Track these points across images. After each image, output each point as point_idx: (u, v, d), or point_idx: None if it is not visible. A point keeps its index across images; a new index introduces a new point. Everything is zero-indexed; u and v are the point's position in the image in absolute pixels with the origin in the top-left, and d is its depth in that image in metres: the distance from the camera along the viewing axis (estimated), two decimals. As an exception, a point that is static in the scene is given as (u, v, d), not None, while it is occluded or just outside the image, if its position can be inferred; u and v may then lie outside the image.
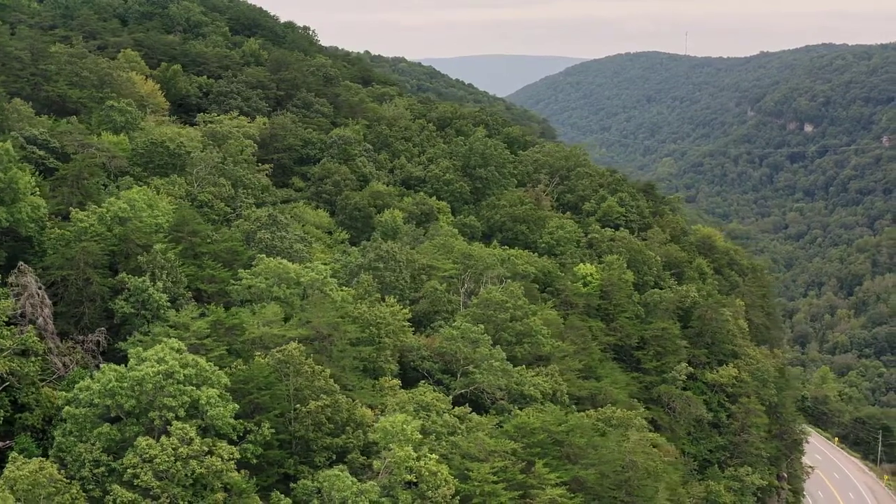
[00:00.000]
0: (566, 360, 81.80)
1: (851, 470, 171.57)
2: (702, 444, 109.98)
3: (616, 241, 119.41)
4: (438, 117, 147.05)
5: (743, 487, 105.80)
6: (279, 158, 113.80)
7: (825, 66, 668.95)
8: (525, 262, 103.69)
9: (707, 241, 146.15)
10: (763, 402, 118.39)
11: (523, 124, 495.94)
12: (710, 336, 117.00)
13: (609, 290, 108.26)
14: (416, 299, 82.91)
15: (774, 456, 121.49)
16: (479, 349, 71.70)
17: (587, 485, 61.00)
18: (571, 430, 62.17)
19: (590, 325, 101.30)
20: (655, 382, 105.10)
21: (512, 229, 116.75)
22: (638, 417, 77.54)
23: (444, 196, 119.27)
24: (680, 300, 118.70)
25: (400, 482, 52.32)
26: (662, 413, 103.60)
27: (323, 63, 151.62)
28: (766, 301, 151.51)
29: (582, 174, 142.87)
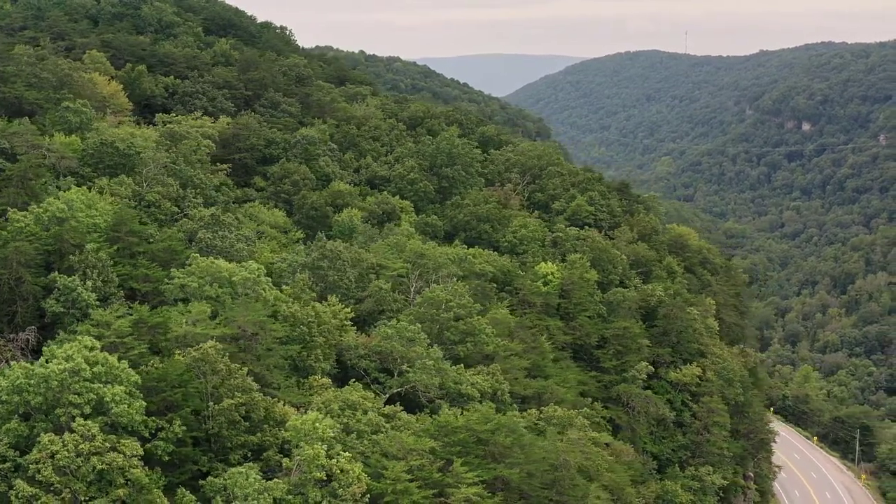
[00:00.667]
0: (511, 360, 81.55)
1: (829, 469, 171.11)
2: (664, 443, 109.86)
3: (580, 240, 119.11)
4: (409, 117, 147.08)
5: (703, 487, 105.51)
6: (241, 158, 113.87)
7: (823, 64, 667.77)
8: (484, 262, 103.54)
9: (679, 240, 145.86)
10: (728, 402, 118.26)
11: (518, 124, 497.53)
12: (676, 335, 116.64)
13: (569, 288, 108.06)
14: (363, 298, 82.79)
15: (740, 455, 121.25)
16: (415, 348, 71.58)
17: (511, 484, 60.81)
18: (497, 430, 61.94)
19: (547, 324, 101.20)
20: (615, 381, 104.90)
21: (475, 228, 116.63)
22: (579, 417, 77.28)
23: (408, 195, 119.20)
24: (644, 299, 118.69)
25: (311, 480, 52.26)
26: (621, 412, 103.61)
27: (296, 63, 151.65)
28: (739, 300, 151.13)
29: (553, 173, 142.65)
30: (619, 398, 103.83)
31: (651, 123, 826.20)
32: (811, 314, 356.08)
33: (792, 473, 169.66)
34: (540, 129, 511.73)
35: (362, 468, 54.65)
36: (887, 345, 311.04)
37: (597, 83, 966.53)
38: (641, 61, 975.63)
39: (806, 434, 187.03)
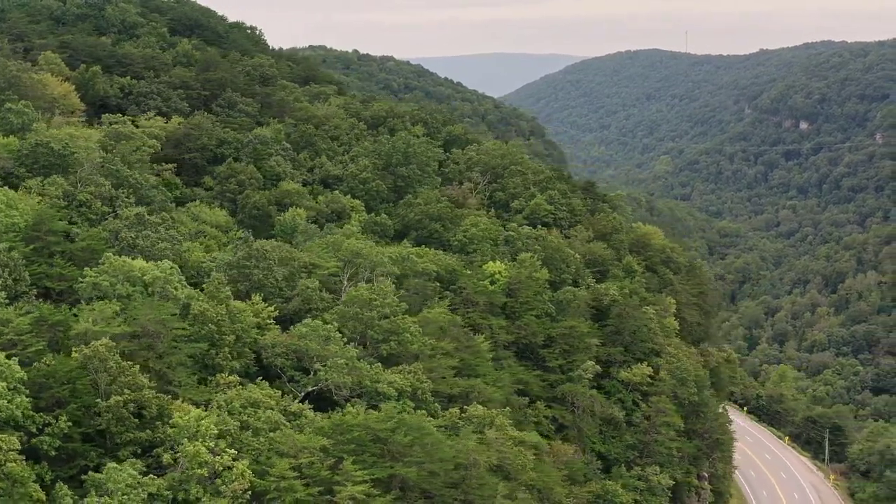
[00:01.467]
0: (438, 359, 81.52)
1: (799, 469, 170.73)
2: (612, 443, 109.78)
3: (533, 239, 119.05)
4: (372, 116, 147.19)
5: (650, 487, 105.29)
6: (192, 158, 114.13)
7: (822, 63, 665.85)
8: (429, 261, 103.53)
9: (642, 239, 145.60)
10: (681, 402, 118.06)
11: (511, 123, 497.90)
12: (629, 334, 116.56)
13: (516, 287, 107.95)
14: (291, 297, 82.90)
15: (694, 455, 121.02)
16: (329, 347, 71.68)
17: (409, 482, 60.86)
18: (397, 428, 61.99)
19: (489, 323, 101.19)
20: (560, 381, 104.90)
21: (426, 227, 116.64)
22: (499, 416, 77.18)
23: (360, 195, 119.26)
24: (597, 298, 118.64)
25: (194, 476, 52.50)
26: (565, 411, 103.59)
27: (261, 63, 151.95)
28: (703, 299, 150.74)
29: (515, 172, 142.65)
30: (564, 397, 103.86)
31: (650, 122, 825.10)
32: (800, 313, 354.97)
33: (761, 473, 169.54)
34: (534, 128, 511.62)
35: (249, 465, 54.86)
36: (874, 344, 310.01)
37: (597, 82, 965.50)
38: (641, 60, 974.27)
39: (778, 434, 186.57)
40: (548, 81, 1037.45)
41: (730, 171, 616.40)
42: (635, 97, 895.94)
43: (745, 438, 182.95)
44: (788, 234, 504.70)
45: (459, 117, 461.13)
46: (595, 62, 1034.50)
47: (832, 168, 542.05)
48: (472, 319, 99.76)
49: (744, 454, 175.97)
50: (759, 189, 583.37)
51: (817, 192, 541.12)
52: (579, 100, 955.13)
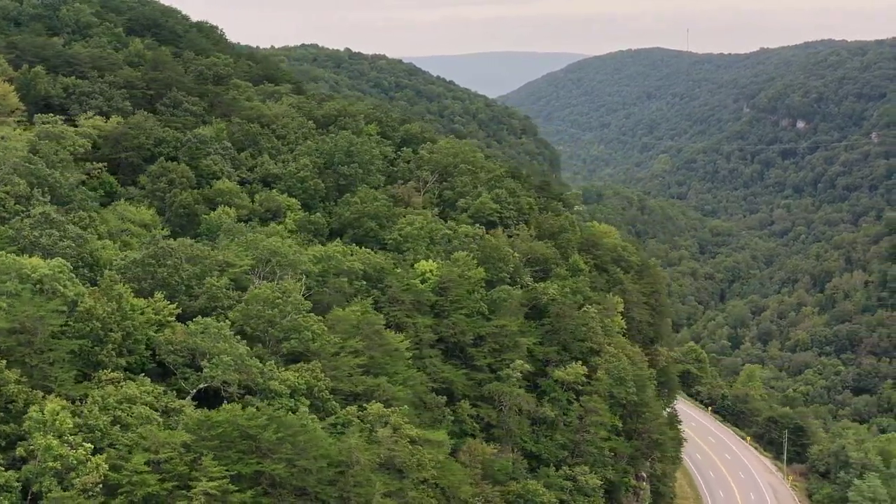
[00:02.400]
0: (343, 357, 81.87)
1: (758, 469, 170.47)
2: (543, 442, 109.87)
3: (470, 238, 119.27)
4: (324, 115, 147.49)
5: (578, 487, 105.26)
6: (128, 157, 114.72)
7: (820, 62, 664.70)
8: (357, 259, 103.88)
9: (591, 238, 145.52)
10: (618, 401, 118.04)
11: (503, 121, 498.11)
12: (566, 333, 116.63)
13: (447, 286, 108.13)
14: (198, 295, 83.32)
15: (632, 455, 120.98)
16: (219, 344, 72.10)
17: (277, 479, 61.28)
18: (268, 425, 62.43)
19: (415, 322, 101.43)
20: (488, 379, 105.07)
21: (363, 226, 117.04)
22: (395, 414, 77.42)
23: (297, 193, 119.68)
24: (532, 297, 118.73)
25: (48, 470, 53.16)
26: (492, 410, 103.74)
27: (215, 62, 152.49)
28: (656, 299, 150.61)
29: (464, 171, 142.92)
30: (491, 396, 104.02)
31: (650, 121, 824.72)
32: (786, 313, 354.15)
33: (720, 473, 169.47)
34: (526, 127, 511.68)
35: (107, 459, 55.47)
36: (857, 344, 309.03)
37: (598, 81, 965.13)
38: (643, 59, 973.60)
39: (741, 434, 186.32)
40: (550, 80, 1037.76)
41: (726, 170, 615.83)
42: (636, 96, 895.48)
43: (708, 439, 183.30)
44: (782, 233, 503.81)
45: (450, 116, 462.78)
46: (596, 61, 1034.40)
47: (827, 167, 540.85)
48: (396, 318, 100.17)
49: (705, 454, 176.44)
50: (754, 188, 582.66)
51: (812, 191, 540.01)
52: (580, 98, 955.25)
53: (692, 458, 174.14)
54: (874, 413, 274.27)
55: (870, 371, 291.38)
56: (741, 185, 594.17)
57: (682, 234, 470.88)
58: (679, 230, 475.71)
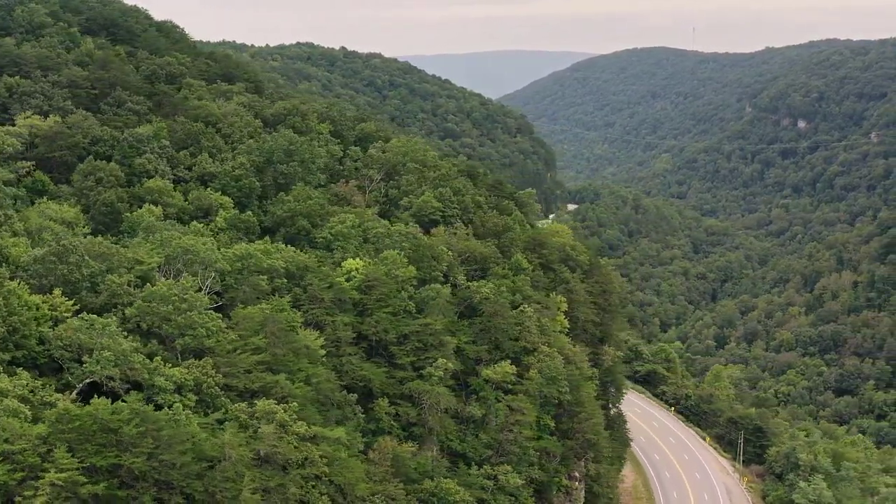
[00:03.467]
0: (239, 354, 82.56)
1: (715, 470, 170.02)
2: (468, 441, 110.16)
3: (403, 236, 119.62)
4: (273, 114, 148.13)
5: (498, 486, 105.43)
6: (62, 156, 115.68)
7: (822, 61, 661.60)
8: (279, 258, 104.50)
9: (537, 238, 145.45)
10: (548, 400, 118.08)
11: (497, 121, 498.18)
12: (498, 332, 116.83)
13: (372, 284, 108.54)
14: (101, 291, 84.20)
15: (564, 455, 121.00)
16: (103, 340, 72.91)
17: (137, 472, 62.08)
18: (131, 419, 63.27)
19: (334, 320, 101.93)
20: (410, 378, 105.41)
21: (295, 224, 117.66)
22: (281, 410, 77.94)
23: (231, 192, 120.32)
24: (466, 296, 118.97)
25: None
26: (411, 408, 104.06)
27: (169, 61, 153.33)
28: (605, 298, 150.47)
29: (411, 169, 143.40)
30: (411, 395, 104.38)
31: (654, 120, 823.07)
32: (773, 313, 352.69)
33: (676, 474, 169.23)
34: (521, 126, 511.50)
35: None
36: (841, 344, 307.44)
37: (603, 80, 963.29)
38: (648, 58, 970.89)
39: (703, 434, 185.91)
40: (555, 78, 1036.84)
41: (727, 169, 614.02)
42: (641, 95, 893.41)
43: (668, 439, 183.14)
44: (779, 232, 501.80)
45: (443, 114, 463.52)
46: (602, 60, 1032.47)
47: (827, 167, 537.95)
48: (315, 316, 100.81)
49: (663, 454, 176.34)
50: (754, 187, 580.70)
51: (811, 191, 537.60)
52: (586, 97, 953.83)
53: (650, 458, 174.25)
54: (855, 414, 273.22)
55: (852, 372, 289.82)
56: (741, 184, 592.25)
57: (675, 233, 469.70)
58: (673, 230, 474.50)
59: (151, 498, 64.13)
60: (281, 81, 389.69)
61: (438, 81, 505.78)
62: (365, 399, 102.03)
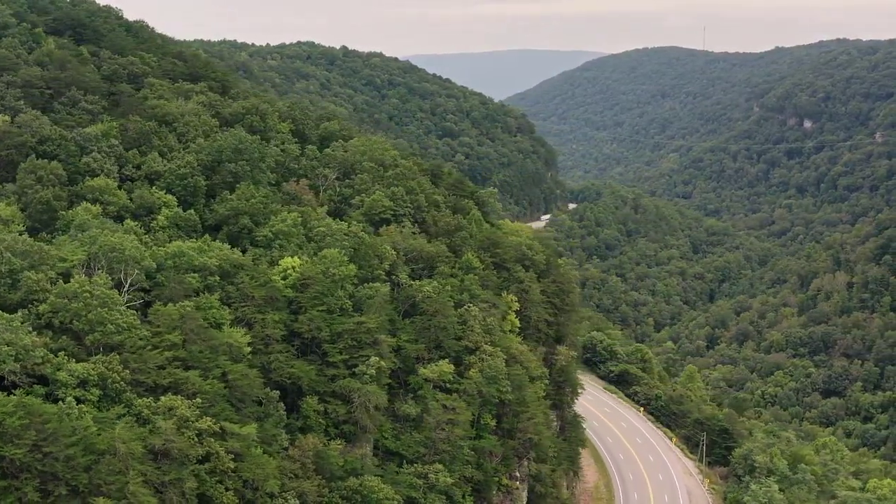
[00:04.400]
0: (149, 350, 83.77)
1: (678, 472, 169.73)
2: (403, 440, 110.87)
3: (346, 235, 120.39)
4: (231, 113, 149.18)
5: (429, 485, 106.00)
6: (8, 155, 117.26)
7: (829, 61, 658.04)
8: (213, 256, 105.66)
9: (491, 237, 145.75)
10: (488, 400, 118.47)
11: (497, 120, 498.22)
12: (438, 331, 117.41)
13: (307, 283, 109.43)
14: (20, 288, 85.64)
15: (506, 455, 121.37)
16: (6, 335, 74.27)
17: (19, 463, 63.43)
18: (14, 412, 64.63)
19: (264, 318, 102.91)
20: (342, 376, 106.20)
21: (237, 223, 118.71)
22: (183, 406, 79.03)
23: (176, 190, 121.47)
24: (409, 295, 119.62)
25: None
26: (341, 406, 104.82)
27: (132, 61, 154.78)
28: (562, 298, 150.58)
29: (367, 168, 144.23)
30: (342, 393, 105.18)
31: (663, 120, 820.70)
32: (766, 313, 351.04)
33: (640, 475, 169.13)
34: (521, 125, 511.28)
35: None
36: (831, 345, 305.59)
37: (613, 79, 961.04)
38: (659, 57, 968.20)
39: (671, 435, 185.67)
40: (565, 78, 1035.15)
41: (732, 169, 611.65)
42: (650, 94, 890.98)
43: (635, 440, 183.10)
44: (780, 233, 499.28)
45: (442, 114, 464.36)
46: (612, 59, 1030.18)
47: (831, 167, 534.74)
48: (245, 313, 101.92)
49: (628, 455, 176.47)
50: (759, 187, 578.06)
51: (815, 191, 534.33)
52: (596, 97, 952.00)
53: (615, 459, 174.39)
54: (842, 416, 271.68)
55: (840, 373, 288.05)
56: (746, 184, 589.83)
57: (675, 233, 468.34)
58: (672, 229, 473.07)
59: (34, 488, 65.45)
60: (277, 80, 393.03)
61: (439, 81, 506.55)
62: (296, 397, 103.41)
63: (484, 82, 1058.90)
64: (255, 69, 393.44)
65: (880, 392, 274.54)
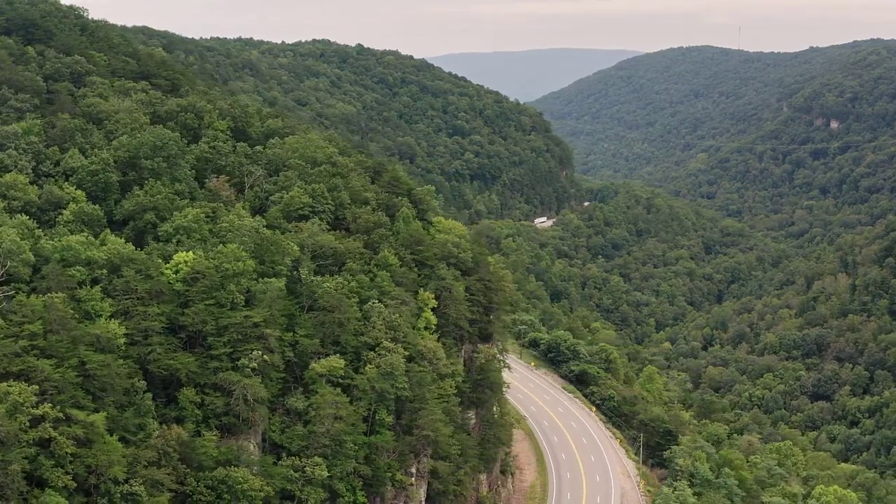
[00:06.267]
0: (2, 340, 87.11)
1: (616, 473, 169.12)
2: (288, 433, 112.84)
3: (247, 230, 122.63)
4: (167, 111, 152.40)
5: (305, 478, 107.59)
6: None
7: (858, 61, 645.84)
8: (103, 250, 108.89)
9: (415, 235, 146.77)
10: (383, 396, 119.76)
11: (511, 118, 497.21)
12: (334, 326, 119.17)
13: (196, 277, 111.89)
14: None
15: (402, 452, 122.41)
16: None
17: None
18: None
19: (146, 310, 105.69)
20: (224, 368, 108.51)
21: (142, 218, 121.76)
22: (17, 392, 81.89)
23: (87, 186, 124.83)
24: (311, 291, 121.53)
25: None
26: (219, 398, 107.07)
27: (77, 60, 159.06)
28: (489, 297, 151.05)
29: (293, 165, 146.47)
30: (223, 385, 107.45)
31: (695, 120, 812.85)
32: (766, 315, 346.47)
33: (578, 474, 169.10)
34: (536, 124, 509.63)
35: None
36: (825, 348, 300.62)
37: (647, 78, 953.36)
38: (693, 57, 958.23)
39: (619, 436, 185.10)
40: (600, 77, 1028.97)
41: (757, 169, 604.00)
42: (684, 94, 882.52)
43: (581, 440, 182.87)
44: (799, 233, 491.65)
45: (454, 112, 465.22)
46: (647, 58, 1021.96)
47: (854, 168, 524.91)
48: (126, 306, 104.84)
49: (571, 455, 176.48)
50: (782, 188, 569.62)
51: (838, 192, 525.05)
52: (629, 96, 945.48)
53: (556, 458, 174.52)
54: (828, 420, 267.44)
55: (830, 377, 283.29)
56: (770, 185, 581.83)
57: (686, 233, 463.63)
58: (684, 230, 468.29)
59: None
60: (285, 78, 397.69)
61: (453, 79, 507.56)
62: (177, 388, 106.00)
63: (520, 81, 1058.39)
64: (264, 67, 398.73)
65: (868, 396, 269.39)
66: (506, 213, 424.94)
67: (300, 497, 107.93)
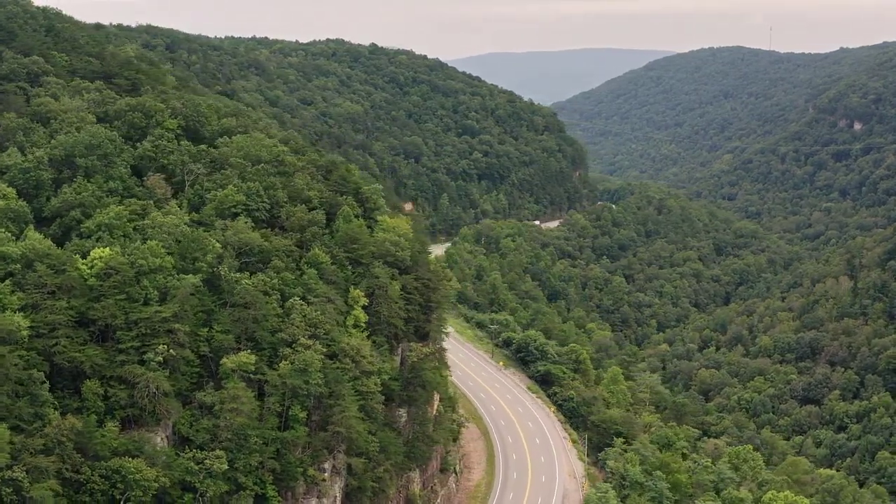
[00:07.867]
0: None
1: (563, 474, 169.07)
2: (195, 426, 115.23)
3: (169, 227, 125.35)
4: (115, 111, 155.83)
5: (207, 471, 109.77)
6: None
7: (884, 62, 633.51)
8: (20, 246, 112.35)
9: (350, 233, 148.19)
10: (297, 393, 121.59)
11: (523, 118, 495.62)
12: (249, 323, 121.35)
13: (109, 272, 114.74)
14: None
15: (316, 448, 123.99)
16: None
17: None
18: None
19: (55, 305, 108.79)
20: (131, 361, 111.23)
21: (67, 215, 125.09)
22: None
23: (18, 184, 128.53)
24: (230, 287, 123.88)
25: None
26: (122, 391, 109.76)
27: (35, 60, 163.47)
28: (426, 295, 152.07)
29: (234, 164, 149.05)
30: (128, 378, 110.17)
31: (723, 121, 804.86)
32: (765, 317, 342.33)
33: (524, 474, 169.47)
34: (549, 124, 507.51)
35: None
36: (819, 352, 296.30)
37: (677, 79, 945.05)
38: (723, 57, 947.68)
39: (574, 437, 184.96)
40: (630, 77, 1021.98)
41: (779, 171, 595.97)
42: (713, 94, 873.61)
43: (535, 440, 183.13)
44: (814, 236, 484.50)
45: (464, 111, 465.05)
46: (678, 59, 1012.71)
47: (874, 170, 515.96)
48: (35, 299, 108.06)
49: (521, 455, 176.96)
50: (803, 190, 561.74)
51: (857, 194, 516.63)
52: (658, 96, 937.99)
53: (507, 458, 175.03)
54: (815, 425, 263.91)
55: (821, 381, 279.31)
56: (790, 186, 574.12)
57: (697, 234, 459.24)
58: (695, 231, 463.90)
59: None
60: (292, 77, 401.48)
61: (467, 78, 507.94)
62: (83, 380, 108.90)
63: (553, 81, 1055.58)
64: (273, 66, 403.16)
65: (857, 401, 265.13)
66: (513, 212, 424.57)
67: (200, 489, 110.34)
